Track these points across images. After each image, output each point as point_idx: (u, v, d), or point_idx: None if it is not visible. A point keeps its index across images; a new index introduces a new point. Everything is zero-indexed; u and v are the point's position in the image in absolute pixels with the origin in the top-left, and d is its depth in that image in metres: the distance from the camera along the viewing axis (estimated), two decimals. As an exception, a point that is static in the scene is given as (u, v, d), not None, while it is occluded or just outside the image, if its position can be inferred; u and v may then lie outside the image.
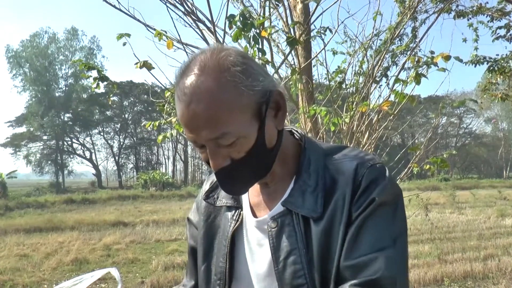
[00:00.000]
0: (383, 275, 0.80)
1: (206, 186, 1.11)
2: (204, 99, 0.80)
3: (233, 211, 1.02)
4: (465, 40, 7.04)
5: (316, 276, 0.86)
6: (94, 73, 2.78)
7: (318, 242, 0.87)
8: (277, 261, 0.90)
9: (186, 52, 2.64)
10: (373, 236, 0.84)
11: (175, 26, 2.62)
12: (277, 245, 0.90)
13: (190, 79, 0.82)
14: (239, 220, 1.00)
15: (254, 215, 0.99)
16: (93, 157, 51.50)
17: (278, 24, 3.30)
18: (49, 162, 49.69)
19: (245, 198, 1.03)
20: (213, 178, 1.11)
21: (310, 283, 0.86)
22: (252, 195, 1.02)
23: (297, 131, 1.03)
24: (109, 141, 53.57)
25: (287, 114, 3.26)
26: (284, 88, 2.78)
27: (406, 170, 3.05)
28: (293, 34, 2.86)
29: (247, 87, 0.83)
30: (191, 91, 0.81)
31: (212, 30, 2.58)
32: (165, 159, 57.19)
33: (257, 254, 0.96)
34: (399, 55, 3.42)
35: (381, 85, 3.37)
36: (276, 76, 2.71)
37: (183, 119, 0.84)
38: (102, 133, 53.00)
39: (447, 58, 2.56)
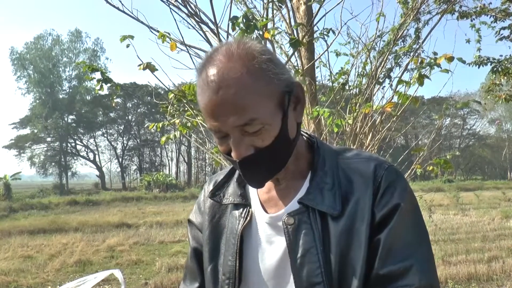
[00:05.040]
0: (421, 283, 0.83)
1: (209, 187, 1.10)
2: (233, 85, 0.81)
3: (241, 209, 1.01)
4: (468, 41, 7.02)
5: (333, 274, 0.87)
6: (97, 75, 2.79)
7: (337, 241, 0.88)
8: (294, 259, 0.89)
9: (190, 54, 2.65)
10: (405, 243, 0.87)
11: (178, 28, 2.63)
12: (294, 243, 0.90)
13: (218, 67, 0.83)
14: (248, 217, 0.99)
15: (266, 212, 0.98)
16: (97, 159, 51.62)
17: (281, 25, 3.31)
18: (53, 163, 49.82)
19: (253, 195, 1.03)
20: (216, 178, 1.11)
21: (327, 281, 0.86)
22: (262, 191, 1.02)
23: (306, 132, 1.04)
24: (112, 143, 53.70)
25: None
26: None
27: (409, 171, 3.05)
28: (296, 36, 2.86)
29: (275, 74, 0.85)
30: (220, 78, 0.82)
31: (215, 31, 2.59)
32: (168, 160, 57.29)
33: (267, 252, 0.96)
34: (402, 56, 3.41)
35: (384, 86, 3.37)
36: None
37: (209, 106, 0.83)
38: (105, 135, 53.12)
39: (450, 59, 2.56)
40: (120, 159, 52.89)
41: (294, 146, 0.93)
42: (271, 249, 0.95)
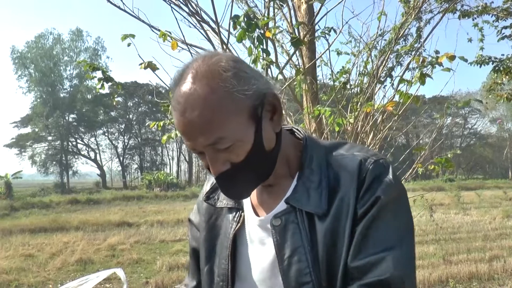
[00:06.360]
0: (392, 275, 0.81)
1: (206, 187, 1.11)
2: (197, 106, 0.81)
3: (234, 213, 1.02)
4: (470, 40, 7.00)
5: (321, 274, 0.86)
6: (98, 74, 2.80)
7: (324, 240, 0.87)
8: (282, 259, 0.89)
9: (191, 53, 2.64)
10: (381, 235, 0.84)
11: (179, 26, 2.63)
12: (281, 243, 0.90)
13: (184, 88, 0.83)
14: (240, 221, 1.00)
15: (257, 215, 0.99)
16: (98, 158, 51.68)
17: (282, 24, 3.30)
18: (54, 162, 49.84)
19: (246, 199, 1.03)
20: (213, 179, 1.11)
21: (316, 281, 0.86)
22: (254, 194, 1.02)
23: (298, 130, 1.03)
24: (113, 142, 53.70)
25: (292, 114, 3.27)
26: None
27: (410, 170, 3.04)
28: (297, 35, 2.86)
29: (239, 91, 0.83)
30: (184, 100, 0.82)
31: (217, 30, 2.59)
32: (169, 159, 57.37)
33: (260, 253, 0.96)
34: (404, 55, 3.40)
35: (386, 85, 3.35)
36: (280, 76, 2.71)
37: (179, 127, 0.85)
38: (106, 134, 53.16)
39: (451, 58, 2.55)
40: (121, 158, 52.93)
41: (275, 156, 0.92)
42: (263, 251, 0.96)
